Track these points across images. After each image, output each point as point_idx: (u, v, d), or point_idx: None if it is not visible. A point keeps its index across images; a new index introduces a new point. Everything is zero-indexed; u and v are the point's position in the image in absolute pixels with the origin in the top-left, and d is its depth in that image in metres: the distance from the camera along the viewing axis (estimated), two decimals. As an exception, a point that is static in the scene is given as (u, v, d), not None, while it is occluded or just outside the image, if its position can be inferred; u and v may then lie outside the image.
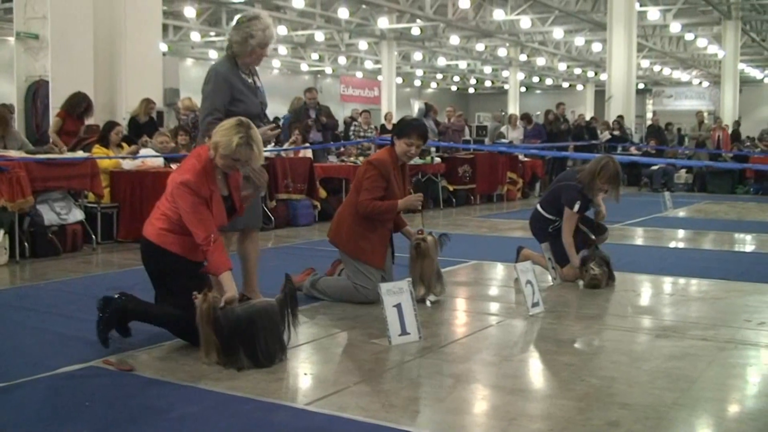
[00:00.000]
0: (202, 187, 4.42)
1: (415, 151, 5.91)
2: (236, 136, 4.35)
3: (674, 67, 40.17)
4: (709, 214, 13.94)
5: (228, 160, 4.41)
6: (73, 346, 4.64)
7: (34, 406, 3.61)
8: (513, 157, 16.29)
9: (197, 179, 4.41)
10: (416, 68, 41.43)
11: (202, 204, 4.40)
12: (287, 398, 3.75)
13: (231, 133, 4.36)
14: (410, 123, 6.02)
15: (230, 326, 4.17)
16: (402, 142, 5.84)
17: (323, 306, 5.83)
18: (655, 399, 3.74)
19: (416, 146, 5.86)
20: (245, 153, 4.39)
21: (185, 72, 27.02)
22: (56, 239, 8.24)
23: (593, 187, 6.60)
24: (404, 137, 5.84)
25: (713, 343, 4.79)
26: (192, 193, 4.38)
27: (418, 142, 5.84)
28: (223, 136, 4.38)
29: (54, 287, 6.54)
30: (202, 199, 4.40)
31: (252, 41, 5.29)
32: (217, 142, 4.38)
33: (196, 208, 4.37)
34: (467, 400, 3.79)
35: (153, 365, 4.26)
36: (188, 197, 4.38)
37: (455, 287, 6.73)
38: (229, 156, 4.38)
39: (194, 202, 4.38)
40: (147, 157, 9.82)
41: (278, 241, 9.52)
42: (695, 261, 8.23)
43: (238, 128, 4.39)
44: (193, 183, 4.39)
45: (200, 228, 4.35)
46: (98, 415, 3.51)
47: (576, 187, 6.63)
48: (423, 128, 6.00)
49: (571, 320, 5.57)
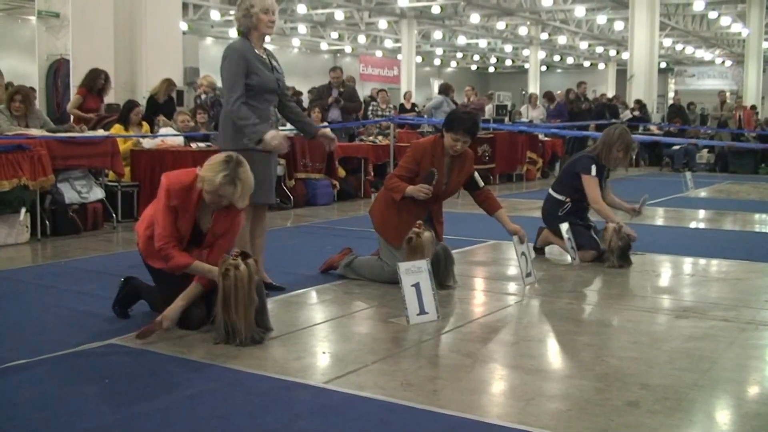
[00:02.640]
0: (178, 197, 4.37)
1: (462, 146, 5.72)
2: (220, 174, 4.25)
3: (697, 46, 39.72)
4: (731, 194, 13.81)
5: (214, 196, 4.33)
6: (94, 323, 4.67)
7: (54, 383, 3.63)
8: (533, 137, 16.20)
9: (179, 189, 4.38)
10: (436, 47, 41.22)
11: (170, 213, 4.36)
12: (305, 376, 3.75)
13: (216, 170, 4.27)
14: (459, 117, 5.75)
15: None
16: (449, 136, 5.70)
17: (343, 284, 5.83)
18: (675, 380, 3.71)
19: (462, 142, 5.69)
20: (228, 191, 4.29)
21: (205, 51, 27.01)
22: (77, 217, 8.28)
23: (610, 156, 6.71)
24: (451, 131, 5.68)
25: (734, 324, 4.75)
26: (167, 197, 4.36)
27: (465, 138, 5.67)
28: (208, 172, 4.28)
29: (75, 265, 6.58)
30: (173, 209, 4.37)
31: (254, 10, 5.28)
32: (203, 177, 4.30)
33: (162, 213, 4.36)
34: (485, 380, 3.78)
35: (172, 343, 4.28)
36: (163, 198, 4.38)
37: (473, 267, 6.71)
38: (212, 192, 4.31)
39: (164, 206, 4.36)
40: (167, 136, 9.84)
41: (297, 221, 9.53)
42: (716, 241, 8.16)
43: (225, 165, 4.28)
44: (173, 189, 4.37)
45: (160, 232, 4.35)
46: (118, 391, 3.53)
47: (589, 155, 6.78)
48: (471, 124, 5.71)
49: (590, 300, 5.55)
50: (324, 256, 6.36)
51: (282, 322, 4.70)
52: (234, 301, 4.13)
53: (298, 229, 8.75)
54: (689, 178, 13.90)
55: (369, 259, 5.96)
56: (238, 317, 4.14)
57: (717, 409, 3.48)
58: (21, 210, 7.56)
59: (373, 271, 5.85)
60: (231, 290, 4.12)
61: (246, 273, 4.12)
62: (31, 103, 8.88)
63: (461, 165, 5.90)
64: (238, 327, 4.15)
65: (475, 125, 5.76)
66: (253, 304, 4.18)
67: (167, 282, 4.55)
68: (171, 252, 4.33)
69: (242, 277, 4.11)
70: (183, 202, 4.40)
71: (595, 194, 6.68)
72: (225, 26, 32.55)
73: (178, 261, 4.34)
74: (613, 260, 6.48)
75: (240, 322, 4.14)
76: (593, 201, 6.70)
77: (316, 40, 37.31)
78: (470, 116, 5.81)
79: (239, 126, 5.23)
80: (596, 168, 6.70)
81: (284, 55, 35.43)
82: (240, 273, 4.11)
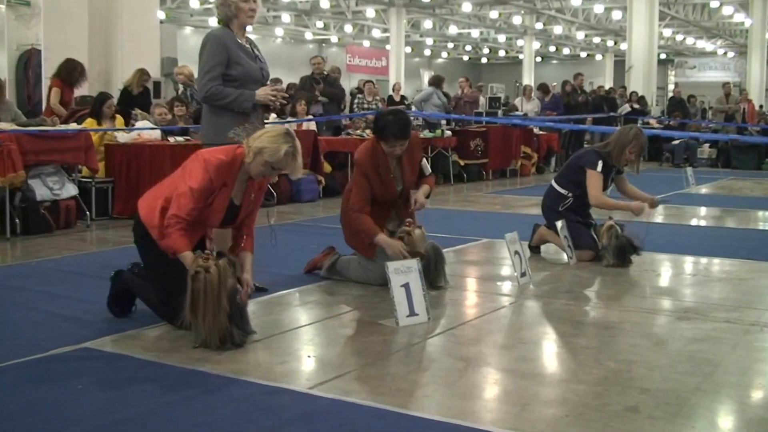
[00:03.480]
0: (221, 175, 4.38)
1: (400, 149, 5.65)
2: (285, 145, 4.31)
3: (698, 37, 39.86)
4: (734, 190, 13.87)
5: (267, 168, 4.37)
6: (66, 326, 4.64)
7: (25, 390, 3.61)
8: (527, 131, 16.22)
9: (221, 165, 4.38)
10: (426, 37, 41.20)
11: (204, 194, 4.35)
12: (290, 382, 3.74)
13: (279, 141, 4.33)
14: (386, 123, 5.61)
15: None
16: (383, 145, 5.63)
17: (328, 285, 5.82)
18: (677, 384, 3.72)
19: (399, 146, 5.63)
20: (290, 164, 4.36)
21: (183, 41, 26.92)
22: (49, 215, 8.23)
23: (621, 156, 6.70)
24: (382, 141, 5.62)
25: (737, 326, 4.76)
26: (206, 175, 4.34)
27: (399, 143, 5.60)
28: (271, 143, 4.33)
29: (46, 265, 6.54)
30: (211, 188, 4.37)
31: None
32: (263, 147, 4.32)
33: (196, 191, 4.32)
34: (478, 385, 3.78)
35: (150, 347, 4.26)
36: (201, 175, 4.34)
37: (466, 266, 6.71)
38: (271, 163, 4.34)
39: (201, 185, 4.32)
40: (143, 130, 9.79)
41: (281, 218, 9.50)
42: (718, 240, 8.20)
43: (287, 137, 4.36)
44: (216, 165, 4.36)
45: (179, 208, 4.31)
46: (91, 398, 3.51)
47: (598, 151, 6.76)
48: (399, 128, 5.58)
49: (588, 301, 5.56)
50: (308, 255, 6.35)
51: (265, 324, 4.68)
52: (203, 305, 4.09)
53: (281, 228, 8.73)
54: (690, 173, 13.92)
55: (353, 258, 5.93)
56: (205, 322, 4.11)
57: (720, 414, 3.49)
58: (-10, 207, 7.52)
59: (360, 273, 5.82)
60: (200, 294, 4.09)
61: (216, 276, 4.09)
62: (2, 93, 8.83)
63: (410, 156, 5.80)
64: (204, 332, 4.12)
65: (404, 127, 5.62)
66: (222, 309, 4.12)
67: (164, 277, 4.49)
68: (175, 232, 4.30)
69: (212, 280, 4.08)
70: (227, 177, 4.42)
71: (597, 191, 6.68)
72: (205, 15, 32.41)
73: (176, 243, 4.30)
74: (609, 259, 6.49)
75: (207, 328, 4.11)
76: (593, 198, 6.70)
77: (301, 29, 37.24)
78: (397, 119, 5.65)
79: (226, 105, 5.23)
80: (603, 164, 6.68)
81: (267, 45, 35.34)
82: (210, 276, 4.08)
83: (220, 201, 4.43)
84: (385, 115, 5.74)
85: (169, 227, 4.31)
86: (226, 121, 5.29)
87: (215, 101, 5.26)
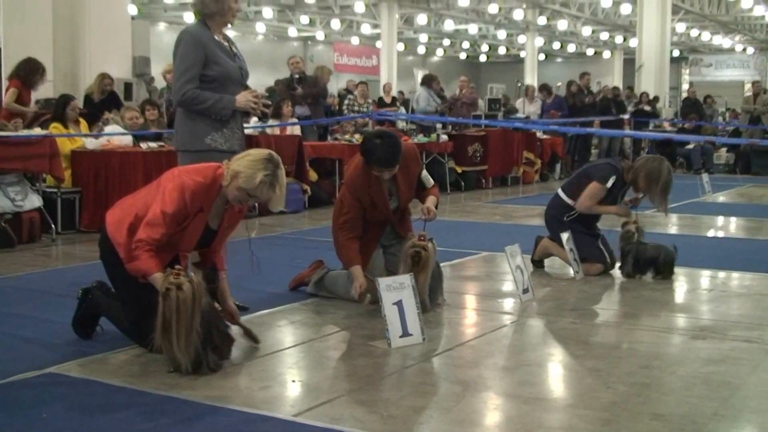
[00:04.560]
0: (197, 200, 4.38)
1: (389, 174, 5.59)
2: (262, 173, 4.30)
3: (714, 32, 40.00)
4: (753, 198, 13.93)
5: (242, 194, 4.37)
6: (30, 350, 4.64)
7: (-15, 418, 3.61)
8: (530, 135, 16.26)
9: (197, 190, 4.37)
10: (420, 33, 41.29)
11: (177, 219, 4.35)
12: (273, 408, 3.74)
13: (257, 167, 4.31)
14: (373, 149, 5.50)
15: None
16: (371, 169, 5.58)
17: (314, 303, 5.83)
18: (692, 408, 3.73)
19: (387, 172, 5.57)
20: (265, 193, 4.35)
21: (157, 38, 26.97)
22: (10, 229, 8.22)
23: (647, 190, 6.70)
24: (368, 165, 5.56)
25: (758, 345, 4.78)
26: (182, 200, 4.33)
27: (387, 170, 5.55)
28: (247, 168, 4.32)
29: (7, 283, 6.53)
30: (185, 214, 4.37)
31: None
32: (238, 171, 4.32)
33: (169, 216, 4.32)
34: (477, 411, 3.79)
35: (120, 371, 4.26)
36: (176, 199, 4.33)
37: (464, 282, 6.73)
38: (245, 190, 4.34)
39: (176, 210, 4.32)
40: (113, 135, 9.79)
41: (262, 231, 9.51)
42: (737, 252, 8.23)
43: (267, 164, 4.34)
44: (192, 189, 4.36)
45: (150, 232, 4.31)
46: (57, 427, 3.50)
47: (615, 166, 6.76)
48: (387, 156, 5.47)
49: (595, 319, 5.57)
50: (293, 270, 6.36)
51: (246, 346, 4.68)
52: (175, 325, 4.06)
53: (263, 240, 8.74)
54: (706, 180, 13.99)
55: (342, 273, 5.92)
56: (179, 345, 4.09)
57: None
58: (-55, 220, 7.51)
59: (349, 289, 5.82)
60: (172, 313, 4.06)
61: (190, 293, 4.07)
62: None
63: (405, 171, 5.73)
64: (177, 355, 4.11)
65: (392, 155, 5.48)
66: (194, 329, 4.10)
67: (133, 297, 4.50)
68: (143, 254, 4.29)
69: (185, 298, 4.05)
70: (203, 202, 4.42)
71: (588, 202, 6.69)
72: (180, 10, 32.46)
73: (143, 265, 4.28)
74: (627, 267, 6.56)
75: (180, 350, 4.10)
76: (580, 204, 6.71)
77: (284, 25, 37.28)
78: (384, 143, 5.50)
79: (204, 110, 5.26)
80: (615, 181, 6.68)
81: (248, 43, 35.38)
82: (182, 294, 4.05)
83: (194, 226, 4.44)
84: (372, 138, 5.62)
85: (138, 249, 4.30)
86: (202, 126, 5.30)
87: (192, 106, 5.27)
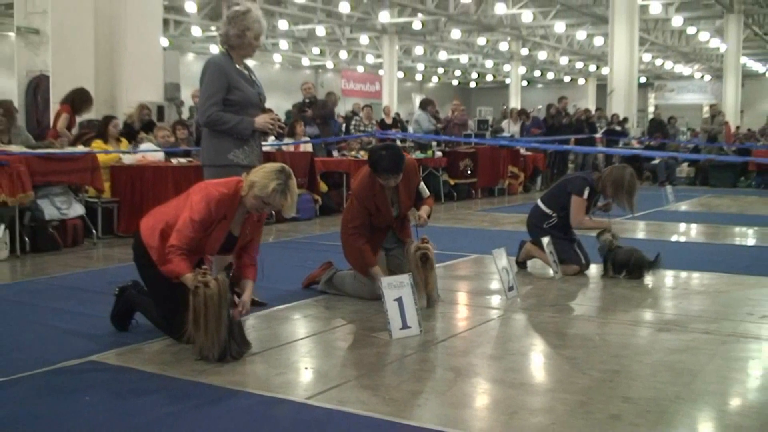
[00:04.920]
0: (221, 208, 4.40)
1: (394, 181, 5.60)
2: (274, 182, 4.32)
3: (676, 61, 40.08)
4: (712, 207, 13.91)
5: (258, 202, 4.37)
6: (73, 340, 4.63)
7: (33, 402, 3.59)
8: (514, 151, 16.27)
9: (222, 200, 4.39)
10: (417, 62, 41.37)
11: (204, 225, 4.37)
12: (288, 392, 3.73)
13: (270, 177, 4.34)
14: (379, 158, 5.54)
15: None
16: (378, 177, 5.59)
17: (324, 299, 5.82)
18: (657, 392, 3.72)
19: (393, 179, 5.58)
20: (278, 200, 4.36)
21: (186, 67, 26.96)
22: (57, 234, 8.22)
23: (615, 195, 6.71)
24: (376, 174, 5.57)
25: (715, 337, 4.77)
26: (207, 209, 4.35)
27: (393, 176, 5.56)
28: (262, 178, 4.34)
29: (54, 282, 6.52)
30: (211, 221, 4.38)
31: (249, 33, 5.34)
32: (254, 181, 4.35)
33: (197, 223, 4.34)
34: (468, 394, 3.78)
35: (153, 359, 4.25)
36: (202, 208, 4.35)
37: (456, 281, 6.72)
38: (260, 198, 4.35)
39: (202, 218, 4.34)
40: (147, 152, 9.80)
41: (278, 236, 9.51)
42: (697, 254, 8.21)
43: (279, 174, 4.35)
44: (217, 199, 4.37)
45: (180, 238, 4.32)
46: (97, 409, 3.49)
47: (586, 178, 6.77)
48: (392, 163, 5.51)
49: (572, 314, 5.56)
50: (305, 271, 6.35)
51: (264, 337, 4.68)
52: (204, 319, 4.09)
53: (279, 245, 8.73)
54: (669, 191, 13.97)
55: (349, 273, 5.93)
56: (207, 336, 4.10)
57: (699, 421, 3.49)
58: (0, 227, 7.49)
59: (355, 287, 5.83)
60: (201, 308, 4.08)
61: (216, 290, 4.09)
62: (13, 117, 8.83)
63: (406, 182, 5.73)
64: (206, 345, 4.12)
65: (397, 163, 5.53)
66: (222, 322, 4.12)
67: (163, 295, 4.52)
68: (175, 258, 4.30)
69: (212, 294, 4.08)
70: (227, 210, 4.43)
71: (579, 216, 6.72)
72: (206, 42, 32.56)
73: (176, 267, 4.29)
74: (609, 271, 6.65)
75: (209, 341, 4.11)
76: (574, 221, 6.74)
77: (298, 55, 37.37)
78: (389, 154, 5.56)
79: (226, 130, 5.27)
80: (589, 192, 6.72)
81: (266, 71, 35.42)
82: (210, 290, 4.08)
83: (218, 232, 4.45)
84: (378, 150, 5.66)
85: (170, 254, 4.32)
86: (225, 143, 5.32)
87: (216, 126, 5.29)
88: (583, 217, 6.75)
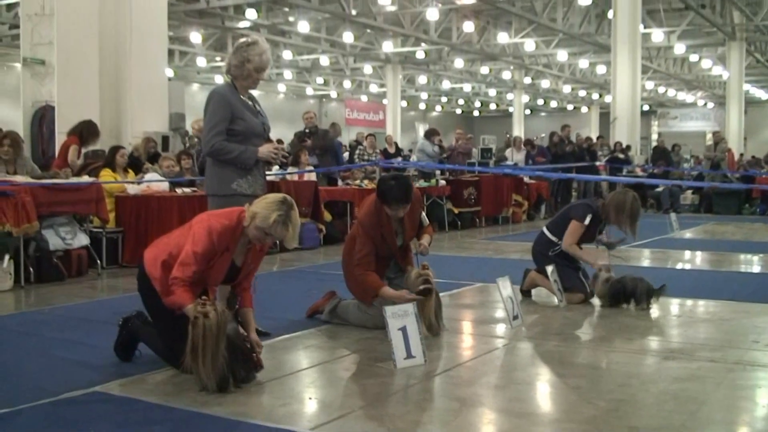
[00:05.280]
0: (223, 240, 4.41)
1: (403, 211, 5.61)
2: (276, 213, 4.34)
3: (679, 89, 40.28)
4: (716, 234, 13.89)
5: (260, 233, 4.39)
6: (77, 371, 4.62)
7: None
8: (518, 179, 16.29)
9: (224, 231, 4.41)
10: (421, 91, 41.60)
11: (206, 257, 4.38)
12: (292, 423, 3.71)
13: (271, 208, 4.35)
14: (388, 189, 5.54)
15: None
16: (386, 208, 5.59)
17: (328, 329, 5.80)
18: (664, 421, 3.70)
19: (402, 209, 5.59)
20: (279, 231, 4.37)
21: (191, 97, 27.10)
22: (61, 264, 8.23)
23: (617, 221, 6.68)
24: (385, 205, 5.58)
25: (721, 365, 4.75)
26: (210, 241, 4.36)
27: (402, 206, 5.57)
28: (264, 209, 4.36)
29: (58, 312, 6.52)
30: (213, 253, 4.39)
31: (249, 65, 5.36)
32: (256, 212, 4.37)
33: (199, 256, 4.35)
34: (473, 424, 3.76)
35: (157, 390, 4.24)
36: (204, 241, 4.36)
37: (461, 310, 6.70)
38: (262, 229, 4.37)
39: (204, 250, 4.35)
40: (152, 182, 9.83)
41: (283, 265, 9.50)
42: (702, 282, 8.19)
43: (280, 205, 4.37)
44: (219, 231, 4.39)
45: (184, 270, 4.34)
46: (101, 440, 3.48)
47: (590, 205, 6.76)
48: (401, 194, 5.52)
49: (577, 343, 5.54)
50: (310, 300, 6.34)
51: (268, 367, 4.65)
52: (202, 350, 4.08)
53: (283, 274, 8.73)
54: (674, 219, 13.96)
55: (353, 303, 5.93)
56: (205, 366, 4.09)
57: (706, 451, 3.46)
58: (4, 257, 7.51)
59: (359, 317, 5.82)
60: (199, 339, 4.08)
61: (215, 321, 4.09)
62: (19, 147, 8.87)
63: (411, 212, 5.74)
64: (204, 376, 4.11)
65: (406, 193, 5.54)
66: (220, 353, 4.11)
67: (167, 325, 4.51)
68: (178, 289, 4.32)
69: (211, 325, 4.07)
70: (229, 242, 4.44)
71: (572, 240, 6.71)
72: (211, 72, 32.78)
73: (179, 299, 4.31)
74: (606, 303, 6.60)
75: (206, 371, 4.09)
76: (566, 243, 6.73)
77: (302, 85, 37.63)
78: (398, 184, 5.58)
79: (230, 160, 5.30)
80: (591, 218, 6.71)
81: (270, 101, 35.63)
82: (209, 321, 4.07)
83: (221, 264, 4.46)
84: (387, 180, 5.68)
85: (174, 286, 4.33)
86: (229, 173, 5.35)
87: (220, 156, 5.32)
88: (573, 243, 6.73)
